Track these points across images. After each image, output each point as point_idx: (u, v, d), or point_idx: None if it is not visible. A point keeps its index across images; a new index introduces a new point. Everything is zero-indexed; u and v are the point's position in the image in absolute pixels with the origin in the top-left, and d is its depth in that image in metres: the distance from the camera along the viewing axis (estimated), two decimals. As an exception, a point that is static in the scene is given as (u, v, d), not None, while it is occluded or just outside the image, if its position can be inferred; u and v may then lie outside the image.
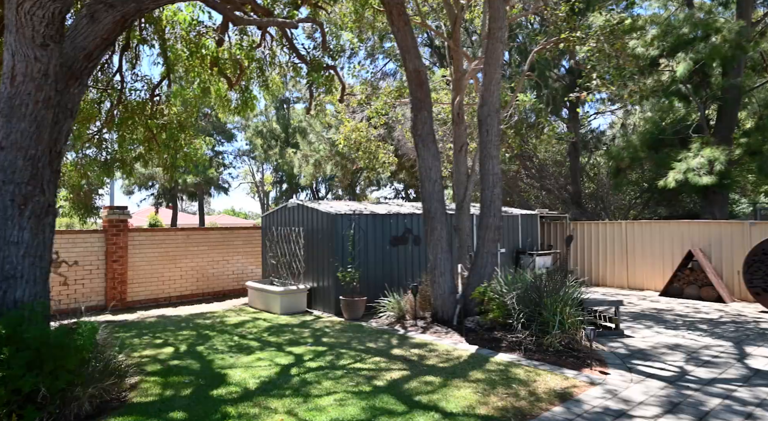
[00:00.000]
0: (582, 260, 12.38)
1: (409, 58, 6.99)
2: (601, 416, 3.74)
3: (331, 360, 5.38)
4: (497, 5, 6.72)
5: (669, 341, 6.20)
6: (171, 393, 4.31)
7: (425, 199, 7.17)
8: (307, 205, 9.35)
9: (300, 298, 8.97)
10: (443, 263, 7.11)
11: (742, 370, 4.92)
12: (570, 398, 4.13)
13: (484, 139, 6.97)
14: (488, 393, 4.24)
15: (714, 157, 9.80)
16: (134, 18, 5.02)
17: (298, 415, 3.77)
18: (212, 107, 9.08)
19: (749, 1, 12.08)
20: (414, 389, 4.36)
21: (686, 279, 9.94)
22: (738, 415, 3.75)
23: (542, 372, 4.84)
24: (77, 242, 9.51)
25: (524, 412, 3.83)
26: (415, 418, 3.69)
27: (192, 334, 6.93)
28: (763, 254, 8.28)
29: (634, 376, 4.73)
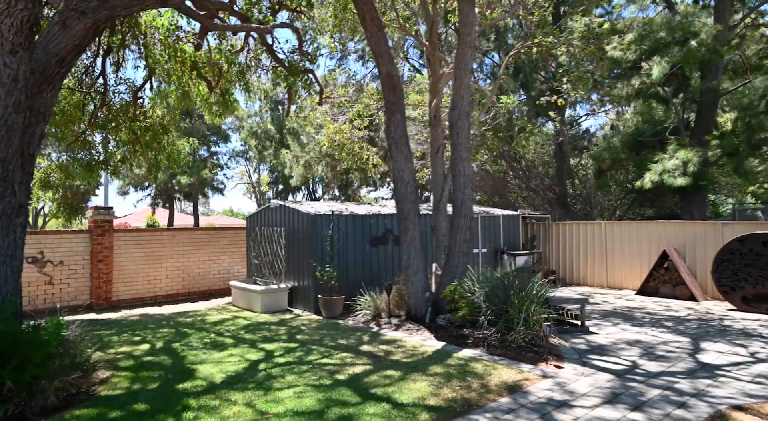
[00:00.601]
0: (563, 260, 12.59)
1: (382, 63, 7.18)
2: (543, 406, 3.94)
3: (300, 356, 5.56)
4: (466, 11, 6.91)
5: (631, 337, 6.40)
6: (138, 387, 4.48)
7: (398, 201, 7.35)
8: (289, 205, 9.53)
9: (281, 297, 9.14)
10: (416, 262, 7.30)
11: (691, 364, 5.11)
12: (519, 390, 4.32)
13: (455, 141, 7.16)
14: (442, 386, 4.42)
15: (688, 159, 10.02)
16: (106, 25, 5.20)
17: (255, 406, 3.95)
18: (196, 110, 9.21)
19: (726, 6, 12.31)
20: (372, 383, 4.55)
21: (661, 278, 10.15)
22: (672, 404, 3.95)
23: (499, 366, 5.03)
24: (62, 242, 9.66)
25: (471, 402, 4.02)
26: (366, 408, 3.88)
27: (171, 332, 7.10)
28: (730, 253, 8.49)
29: (586, 369, 4.93)
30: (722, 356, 5.39)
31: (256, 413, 3.80)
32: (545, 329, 5.56)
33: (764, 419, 3.62)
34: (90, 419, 3.69)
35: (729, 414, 3.72)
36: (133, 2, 5.24)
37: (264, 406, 3.95)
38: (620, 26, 11.31)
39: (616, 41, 10.99)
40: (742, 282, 8.33)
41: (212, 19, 6.51)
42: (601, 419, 3.68)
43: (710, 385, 4.42)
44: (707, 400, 4.04)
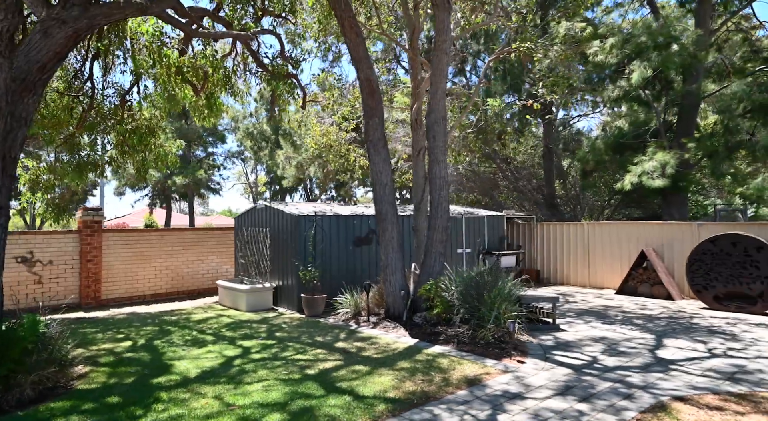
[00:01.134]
0: (548, 260, 12.80)
1: (361, 68, 7.38)
2: (497, 398, 4.14)
3: (275, 352, 5.76)
4: (442, 18, 7.12)
5: (598, 334, 6.61)
6: (114, 381, 4.68)
7: (377, 202, 7.56)
8: (274, 206, 9.73)
9: (265, 296, 9.34)
10: (394, 262, 7.50)
11: (649, 359, 5.33)
12: (478, 383, 4.52)
13: (432, 144, 7.37)
14: (405, 380, 4.63)
15: (665, 161, 10.24)
16: (87, 33, 5.39)
17: (223, 399, 4.15)
18: (185, 113, 9.40)
19: (707, 11, 12.55)
20: (340, 377, 4.75)
21: (640, 278, 10.37)
22: (619, 396, 4.16)
23: (465, 362, 5.24)
24: (51, 242, 9.85)
25: (430, 395, 4.22)
26: (328, 400, 4.08)
27: (154, 329, 7.29)
28: (702, 253, 8.71)
29: (547, 364, 5.14)
30: (680, 352, 5.60)
31: (223, 405, 4.00)
32: (509, 326, 5.76)
33: (701, 408, 3.83)
34: (64, 411, 3.88)
35: (669, 404, 3.93)
36: (113, 11, 5.44)
37: (231, 398, 4.15)
38: (602, 31, 11.53)
39: (597, 46, 11.22)
40: (714, 281, 8.55)
41: (194, 26, 6.70)
42: (548, 409, 3.89)
43: (660, 378, 4.63)
44: (653, 392, 4.25)
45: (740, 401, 4.00)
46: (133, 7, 5.41)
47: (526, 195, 16.42)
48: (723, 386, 4.37)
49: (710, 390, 4.27)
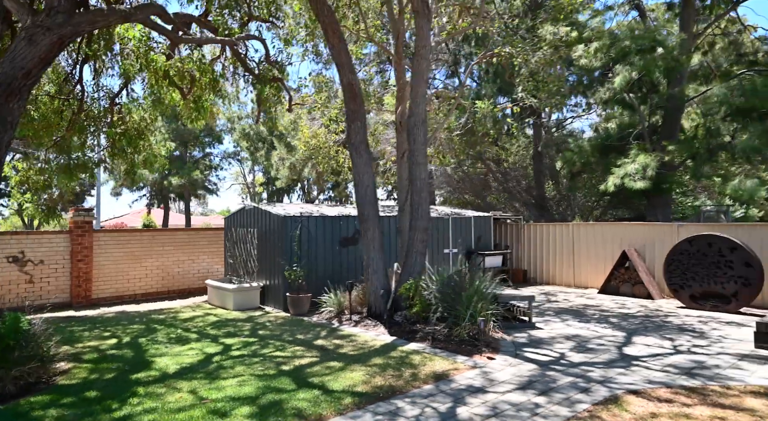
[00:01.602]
0: (534, 260, 12.99)
1: (343, 73, 7.56)
2: (460, 392, 4.32)
3: (255, 349, 5.94)
4: (422, 25, 7.30)
5: (572, 332, 6.80)
6: (95, 377, 4.85)
7: (359, 203, 7.73)
8: (261, 207, 9.91)
9: (252, 295, 9.51)
10: (376, 262, 7.68)
11: (614, 355, 5.51)
12: (445, 379, 4.70)
13: (412, 147, 7.55)
14: (376, 375, 4.80)
15: (646, 164, 10.43)
16: (71, 40, 5.57)
17: (197, 393, 4.32)
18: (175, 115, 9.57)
19: (691, 15, 12.76)
20: (313, 373, 4.92)
21: (622, 277, 10.57)
22: (577, 389, 4.34)
23: (436, 358, 5.42)
24: (43, 242, 10.01)
25: (396, 389, 4.40)
26: (298, 394, 4.26)
27: (141, 328, 7.46)
28: (680, 253, 8.90)
29: (515, 361, 5.32)
30: (646, 349, 5.79)
31: (197, 398, 4.18)
32: (480, 323, 5.95)
33: (651, 400, 4.02)
34: (43, 405, 4.05)
35: (622, 397, 4.11)
36: (97, 18, 5.62)
37: (206, 393, 4.32)
38: (587, 35, 11.72)
39: (582, 49, 11.41)
40: (690, 281, 8.74)
41: (179, 32, 6.88)
42: (507, 402, 4.07)
43: (620, 373, 4.81)
44: (610, 386, 4.43)
45: (690, 394, 4.18)
46: (116, 14, 5.59)
47: (515, 196, 16.62)
48: (678, 381, 4.56)
49: (665, 384, 4.46)
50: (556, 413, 3.80)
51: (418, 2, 7.23)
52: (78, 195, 39.25)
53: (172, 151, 32.65)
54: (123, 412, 3.86)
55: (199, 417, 3.74)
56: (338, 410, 3.89)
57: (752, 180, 9.40)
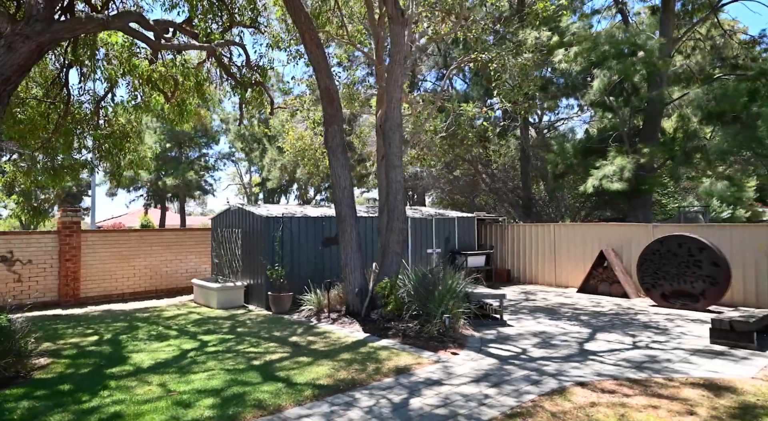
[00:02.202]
0: (518, 260, 13.22)
1: (321, 77, 7.77)
2: (417, 385, 4.54)
3: (230, 346, 6.14)
4: (396, 32, 7.52)
5: (540, 329, 7.02)
6: (71, 371, 5.05)
7: (336, 204, 7.94)
8: (245, 208, 10.11)
9: (236, 294, 9.72)
10: (353, 261, 7.89)
11: (574, 350, 5.73)
12: (406, 372, 4.92)
13: (388, 150, 7.77)
14: (341, 369, 5.02)
15: (623, 166, 10.67)
16: (50, 47, 5.76)
17: (166, 386, 4.53)
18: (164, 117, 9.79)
19: (670, 20, 13.02)
20: (281, 367, 5.13)
21: (600, 277, 10.80)
22: (528, 382, 4.56)
23: (403, 354, 5.63)
24: (31, 242, 10.20)
25: (357, 382, 4.61)
26: (262, 387, 4.47)
27: (123, 325, 7.65)
28: (652, 253, 9.14)
29: (477, 356, 5.54)
30: (606, 344, 6.01)
31: (164, 391, 4.38)
32: (446, 320, 6.17)
33: (595, 391, 4.24)
34: (17, 397, 4.25)
35: (569, 388, 4.33)
36: (76, 26, 5.82)
37: (174, 386, 4.53)
38: (568, 39, 11.96)
39: (563, 54, 11.65)
40: (662, 280, 8.97)
41: (159, 39, 7.07)
42: (459, 393, 4.29)
43: (574, 367, 5.04)
44: (561, 378, 4.65)
45: (633, 385, 4.41)
46: (94, 22, 5.79)
47: (501, 197, 16.85)
48: (627, 374, 4.78)
49: (613, 377, 4.68)
50: (502, 403, 4.02)
51: (392, 9, 7.45)
52: (75, 196, 39.47)
53: (167, 152, 33.08)
54: (92, 403, 4.07)
55: (164, 408, 3.94)
56: (297, 401, 4.10)
57: (722, 182, 9.65)
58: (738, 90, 9.19)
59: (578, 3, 16.76)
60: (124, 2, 8.73)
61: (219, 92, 9.62)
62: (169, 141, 31.35)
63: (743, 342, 5.71)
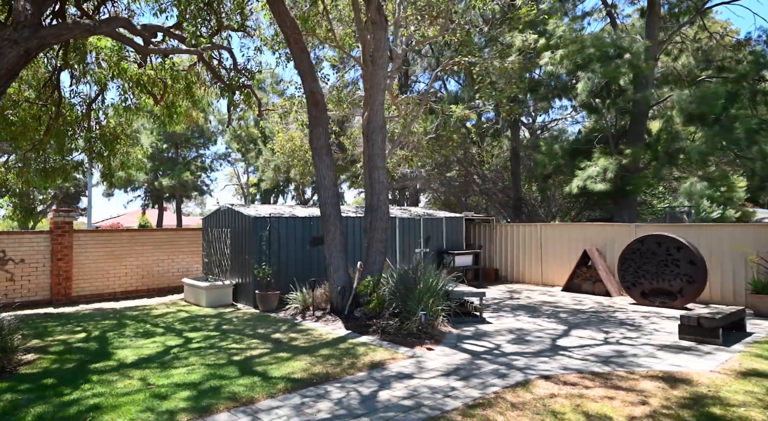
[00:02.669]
0: (506, 259, 13.40)
1: (306, 81, 7.95)
2: (388, 378, 4.71)
3: (214, 342, 6.31)
4: (379, 36, 7.70)
5: (518, 326, 7.20)
6: (56, 367, 5.21)
7: (321, 205, 8.12)
8: (234, 208, 10.28)
9: (225, 292, 9.88)
10: (337, 260, 8.06)
11: (546, 346, 5.91)
12: (379, 367, 5.09)
13: (371, 152, 7.94)
14: (317, 364, 5.19)
15: (606, 167, 10.86)
16: (38, 52, 5.93)
17: (146, 380, 4.70)
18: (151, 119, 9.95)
19: (655, 23, 13.21)
20: (260, 362, 5.30)
21: (584, 276, 10.99)
22: (495, 376, 4.73)
23: (380, 349, 5.80)
24: (23, 242, 10.36)
25: (331, 376, 4.78)
26: (238, 381, 4.63)
27: (112, 323, 7.81)
28: (632, 253, 9.32)
29: (452, 351, 5.71)
30: (579, 340, 6.19)
31: (144, 385, 4.55)
32: (421, 317, 6.34)
33: (558, 384, 4.41)
34: (1, 390, 4.41)
35: (533, 381, 4.51)
36: (62, 32, 5.98)
37: (154, 380, 4.69)
38: (554, 42, 12.15)
39: (549, 57, 11.83)
40: (641, 279, 9.16)
41: (147, 44, 7.25)
42: (427, 386, 4.46)
43: (542, 362, 5.21)
44: (527, 372, 4.82)
45: (595, 378, 4.58)
46: (80, 28, 5.96)
47: (492, 198, 17.04)
48: (592, 367, 4.96)
49: (578, 370, 4.86)
50: (466, 395, 4.20)
51: (375, 14, 7.62)
52: (73, 196, 39.63)
53: (163, 153, 33.25)
54: (73, 396, 4.23)
55: (141, 400, 4.11)
56: (270, 394, 4.27)
57: (702, 183, 9.83)
58: (716, 93, 9.37)
59: (570, 5, 17.00)
60: (116, 6, 8.92)
61: (209, 95, 9.77)
62: (165, 142, 31.54)
63: (709, 338, 5.89)
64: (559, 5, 16.06)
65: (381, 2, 7.58)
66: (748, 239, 8.81)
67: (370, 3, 7.50)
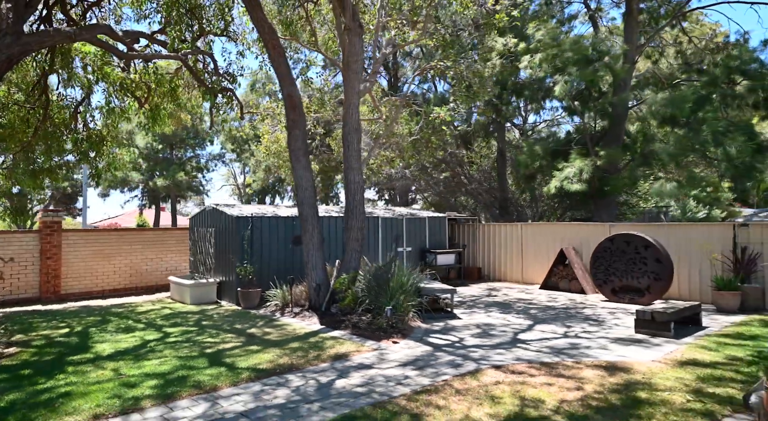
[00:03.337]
0: (488, 258, 13.68)
1: (284, 85, 8.22)
2: (349, 368, 4.97)
3: (190, 336, 6.57)
4: (353, 42, 7.97)
5: (487, 321, 7.47)
6: (35, 359, 5.47)
7: (299, 205, 8.39)
8: (218, 208, 10.54)
9: (209, 290, 10.14)
10: (314, 259, 8.33)
11: (507, 339, 6.18)
12: (343, 358, 5.35)
13: (346, 153, 8.21)
14: (284, 356, 5.45)
15: (582, 168, 11.15)
16: (20, 58, 6.19)
17: (118, 371, 4.96)
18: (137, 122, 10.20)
19: (633, 27, 13.52)
20: (230, 354, 5.56)
21: (560, 274, 11.27)
22: (450, 366, 5.00)
23: (347, 342, 6.07)
24: (13, 241, 10.61)
25: (294, 366, 5.05)
26: (206, 371, 4.90)
27: (96, 319, 8.07)
28: (603, 251, 9.61)
29: (416, 344, 5.98)
30: (540, 334, 6.47)
31: (116, 375, 4.81)
32: (387, 312, 6.61)
33: (505, 373, 4.68)
34: (-19, 378, 4.68)
35: (483, 370, 4.78)
36: (44, 39, 6.25)
37: (126, 370, 4.96)
38: (534, 46, 12.45)
39: (527, 60, 12.13)
40: (612, 276, 9.45)
41: (130, 49, 7.51)
42: (383, 375, 4.73)
43: (498, 353, 5.48)
44: (481, 362, 5.09)
45: (541, 368, 4.86)
46: (61, 35, 6.22)
47: (477, 198, 17.32)
48: (543, 358, 5.24)
49: (528, 361, 5.13)
50: (417, 383, 4.47)
51: (350, 21, 7.90)
52: (70, 196, 39.87)
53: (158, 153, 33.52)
54: (46, 385, 4.49)
55: (110, 388, 4.37)
56: (233, 382, 4.54)
57: (671, 183, 10.12)
58: (684, 96, 9.66)
59: (557, 8, 17.31)
60: (103, 12, 9.18)
61: (192, 98, 10.04)
62: (161, 142, 31.80)
63: (662, 331, 6.17)
64: (545, 9, 16.38)
65: (355, 9, 7.85)
66: (714, 239, 9.10)
67: (345, 10, 7.77)
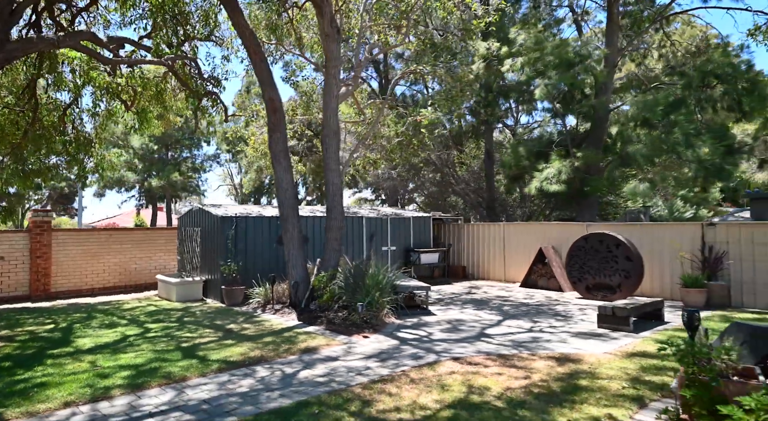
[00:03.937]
0: (472, 257, 13.94)
1: (265, 89, 8.46)
2: (315, 361, 5.22)
3: (170, 332, 6.81)
4: (332, 48, 8.23)
5: (460, 317, 7.72)
6: (18, 352, 5.71)
7: (280, 205, 8.63)
8: (204, 208, 10.79)
9: (195, 288, 10.38)
10: (295, 257, 8.58)
11: (474, 333, 6.43)
12: (312, 352, 5.60)
13: (326, 156, 8.46)
14: (256, 349, 5.70)
15: (561, 169, 11.41)
16: (5, 64, 6.42)
17: (95, 362, 5.20)
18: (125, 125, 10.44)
19: (614, 32, 13.80)
20: (204, 348, 5.81)
21: (540, 272, 11.54)
22: (412, 358, 5.25)
23: (319, 337, 6.32)
24: (3, 241, 10.83)
25: (264, 359, 5.30)
26: (178, 363, 5.14)
27: (82, 316, 8.30)
28: (578, 250, 9.87)
29: (385, 338, 6.23)
30: (506, 329, 6.72)
31: (92, 366, 5.05)
32: (359, 307, 6.86)
33: (462, 364, 4.93)
34: (-37, 370, 4.91)
35: (441, 362, 5.03)
36: (28, 46, 6.49)
37: (102, 363, 5.20)
38: (516, 50, 12.72)
39: (509, 64, 12.39)
40: (586, 274, 9.71)
41: (116, 55, 7.75)
42: (346, 367, 4.98)
43: (461, 346, 5.74)
44: (442, 355, 5.35)
45: (497, 359, 5.11)
46: (45, 42, 6.46)
47: (465, 198, 17.58)
48: (501, 351, 5.49)
49: (487, 353, 5.39)
50: (376, 373, 4.72)
51: (328, 26, 8.15)
52: (67, 196, 40.01)
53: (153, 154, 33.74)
54: (24, 376, 4.73)
55: (84, 379, 4.62)
56: (202, 373, 4.78)
57: (644, 184, 10.39)
58: (656, 100, 9.94)
59: (546, 12, 17.60)
60: (91, 18, 9.42)
61: (178, 101, 10.29)
62: (156, 143, 32.00)
63: (622, 326, 6.44)
64: (534, 12, 16.67)
65: (333, 15, 8.11)
66: (685, 238, 9.37)
67: (323, 16, 8.03)
